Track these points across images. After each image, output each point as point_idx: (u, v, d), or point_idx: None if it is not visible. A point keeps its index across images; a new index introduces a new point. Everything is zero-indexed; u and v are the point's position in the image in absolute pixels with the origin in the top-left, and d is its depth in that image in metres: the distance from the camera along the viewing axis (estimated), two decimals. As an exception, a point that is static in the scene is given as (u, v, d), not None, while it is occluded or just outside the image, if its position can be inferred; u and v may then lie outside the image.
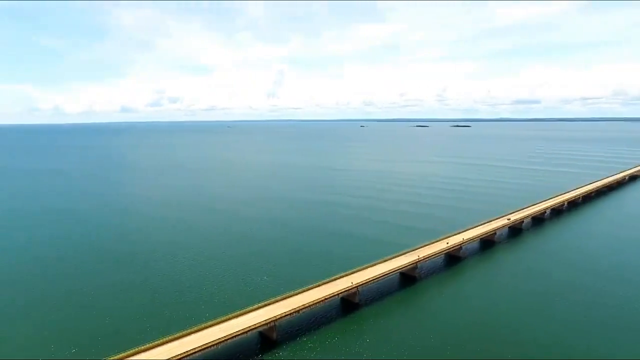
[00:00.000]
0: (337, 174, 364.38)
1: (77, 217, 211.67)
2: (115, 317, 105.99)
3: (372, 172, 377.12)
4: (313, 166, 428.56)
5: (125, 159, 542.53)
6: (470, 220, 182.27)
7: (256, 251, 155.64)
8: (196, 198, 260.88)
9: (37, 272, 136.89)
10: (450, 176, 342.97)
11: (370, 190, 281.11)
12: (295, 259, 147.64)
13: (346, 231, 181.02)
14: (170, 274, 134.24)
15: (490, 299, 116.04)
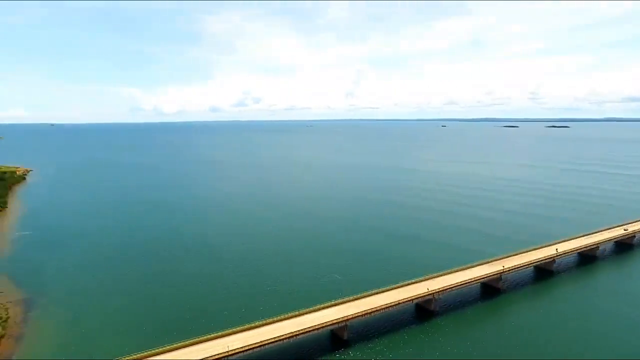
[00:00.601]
0: (416, 176, 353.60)
1: (168, 208, 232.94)
2: (196, 304, 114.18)
3: (454, 174, 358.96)
4: (392, 167, 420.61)
5: (214, 156, 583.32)
6: (566, 231, 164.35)
7: (331, 250, 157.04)
8: (276, 195, 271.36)
9: (133, 255, 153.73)
10: (542, 182, 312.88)
11: (452, 194, 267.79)
12: (370, 260, 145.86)
13: (424, 235, 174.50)
14: (247, 267, 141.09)
15: (585, 322, 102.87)
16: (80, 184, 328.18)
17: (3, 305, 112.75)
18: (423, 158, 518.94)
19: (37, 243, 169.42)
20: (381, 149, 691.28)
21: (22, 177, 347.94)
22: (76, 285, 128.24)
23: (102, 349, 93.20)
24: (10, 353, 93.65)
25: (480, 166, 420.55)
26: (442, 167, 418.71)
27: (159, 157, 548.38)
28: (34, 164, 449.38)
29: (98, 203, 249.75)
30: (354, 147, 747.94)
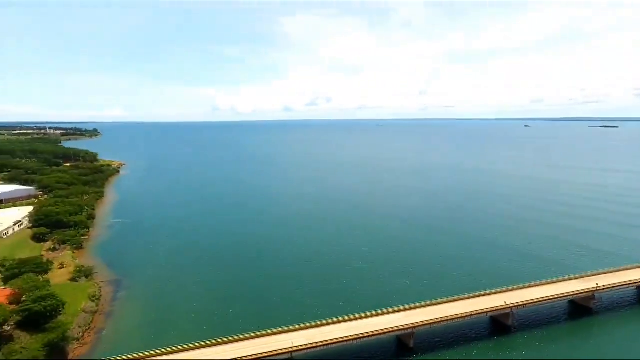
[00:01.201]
0: (497, 179, 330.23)
1: (248, 203, 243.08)
2: (264, 298, 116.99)
3: (540, 179, 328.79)
4: (471, 169, 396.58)
5: (287, 153, 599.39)
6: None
7: (401, 252, 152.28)
8: (352, 194, 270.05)
9: (211, 245, 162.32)
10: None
11: (538, 200, 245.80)
12: (442, 266, 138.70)
13: (503, 243, 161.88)
14: (316, 265, 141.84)
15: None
16: (166, 176, 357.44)
17: (97, 285, 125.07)
18: (504, 159, 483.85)
19: (127, 229, 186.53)
20: (457, 149, 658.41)
21: (116, 170, 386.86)
22: (158, 270, 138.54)
23: (175, 331, 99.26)
24: (101, 328, 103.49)
25: (571, 171, 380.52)
26: (526, 170, 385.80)
27: (237, 154, 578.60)
28: (127, 158, 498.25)
29: (181, 194, 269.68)
30: (427, 146, 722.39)
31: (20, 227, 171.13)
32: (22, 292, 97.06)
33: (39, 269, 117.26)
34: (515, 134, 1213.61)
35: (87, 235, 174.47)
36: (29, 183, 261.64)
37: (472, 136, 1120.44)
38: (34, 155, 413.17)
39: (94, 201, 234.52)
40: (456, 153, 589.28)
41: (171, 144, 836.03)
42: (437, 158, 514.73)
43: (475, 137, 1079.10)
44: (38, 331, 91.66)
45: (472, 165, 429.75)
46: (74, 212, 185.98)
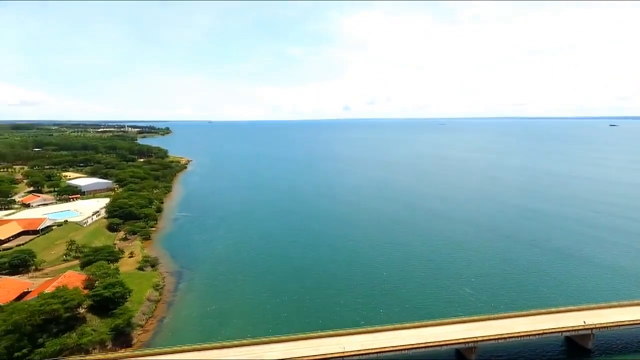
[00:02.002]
0: (579, 184, 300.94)
1: (317, 204, 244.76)
2: (318, 299, 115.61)
3: (632, 184, 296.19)
4: (548, 172, 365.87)
5: (351, 152, 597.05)
6: None
7: (464, 259, 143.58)
8: (418, 196, 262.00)
9: (270, 243, 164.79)
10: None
11: (629, 208, 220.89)
12: (507, 276, 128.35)
13: (584, 255, 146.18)
14: (372, 268, 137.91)
15: None
16: (229, 173, 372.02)
17: (161, 275, 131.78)
18: (587, 162, 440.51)
19: (191, 223, 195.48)
20: (532, 150, 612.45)
21: (184, 166, 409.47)
22: (217, 263, 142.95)
23: (229, 325, 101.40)
24: (162, 316, 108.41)
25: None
26: (614, 174, 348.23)
27: (298, 151, 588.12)
28: (194, 154, 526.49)
29: (243, 191, 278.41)
30: (496, 146, 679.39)
31: (98, 216, 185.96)
32: (95, 278, 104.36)
33: (111, 257, 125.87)
34: (599, 134, 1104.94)
35: (155, 227, 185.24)
36: (107, 176, 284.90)
37: (547, 136, 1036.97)
38: (113, 151, 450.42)
39: (163, 195, 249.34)
40: (530, 153, 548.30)
41: (235, 142, 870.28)
42: (509, 158, 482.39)
43: (550, 136, 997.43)
44: (107, 315, 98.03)
45: (548, 167, 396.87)
46: (144, 204, 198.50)
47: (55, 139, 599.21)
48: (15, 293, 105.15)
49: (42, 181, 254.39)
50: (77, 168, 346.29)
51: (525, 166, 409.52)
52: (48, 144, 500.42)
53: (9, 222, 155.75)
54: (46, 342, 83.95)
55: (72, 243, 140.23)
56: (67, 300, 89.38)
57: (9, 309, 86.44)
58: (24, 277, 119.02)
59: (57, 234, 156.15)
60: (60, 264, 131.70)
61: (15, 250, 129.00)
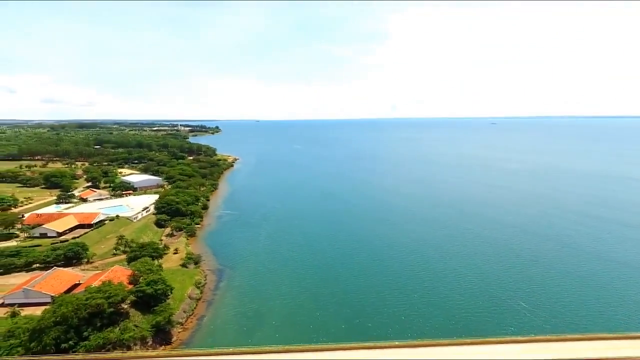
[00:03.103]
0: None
1: (358, 206, 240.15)
2: (358, 308, 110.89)
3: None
4: (625, 176, 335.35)
5: (394, 153, 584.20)
6: None
7: (519, 271, 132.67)
8: (464, 201, 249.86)
9: (314, 245, 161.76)
10: None
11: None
12: (572, 292, 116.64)
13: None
14: (417, 276, 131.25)
15: None
16: (274, 171, 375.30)
17: (203, 272, 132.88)
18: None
19: (234, 221, 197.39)
20: (601, 152, 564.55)
21: (231, 164, 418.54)
22: (258, 263, 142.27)
23: (267, 327, 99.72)
24: (202, 315, 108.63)
25: None
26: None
27: (343, 151, 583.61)
28: (241, 153, 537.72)
29: (287, 190, 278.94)
30: (559, 148, 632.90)
31: (147, 212, 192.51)
32: (140, 274, 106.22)
33: (155, 254, 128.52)
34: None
35: (200, 224, 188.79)
36: (158, 173, 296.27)
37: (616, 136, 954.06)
38: (165, 149, 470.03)
39: (209, 193, 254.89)
40: (599, 156, 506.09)
41: (280, 141, 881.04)
42: (575, 161, 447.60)
43: (621, 137, 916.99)
44: (149, 312, 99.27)
45: (620, 169, 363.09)
46: (191, 202, 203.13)
47: (115, 137, 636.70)
48: (67, 284, 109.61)
49: (99, 177, 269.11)
50: (131, 165, 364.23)
51: (595, 170, 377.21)
52: (107, 142, 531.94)
53: (67, 215, 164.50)
54: (91, 335, 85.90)
55: (121, 238, 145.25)
56: (111, 295, 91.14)
57: (59, 300, 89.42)
58: (77, 269, 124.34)
59: (108, 228, 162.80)
60: (109, 257, 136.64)
61: (70, 243, 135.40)
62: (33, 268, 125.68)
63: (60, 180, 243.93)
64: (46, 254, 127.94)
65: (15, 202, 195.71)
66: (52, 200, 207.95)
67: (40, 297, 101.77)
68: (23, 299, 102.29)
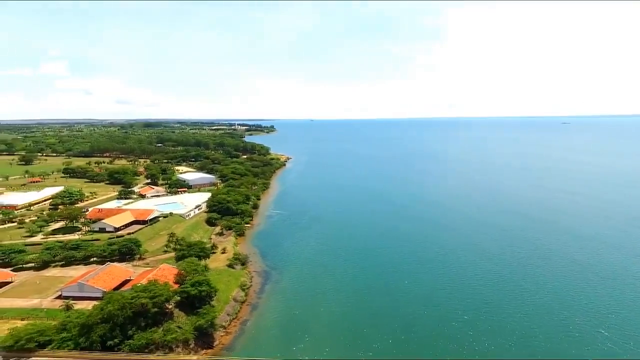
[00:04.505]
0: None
1: (420, 212, 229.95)
2: (410, 322, 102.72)
3: None
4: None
5: (453, 154, 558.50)
6: None
7: (600, 293, 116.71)
8: (535, 208, 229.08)
9: (366, 251, 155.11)
10: None
11: None
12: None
13: None
14: (478, 290, 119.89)
15: None
16: (326, 171, 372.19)
17: (249, 274, 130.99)
18: None
19: (284, 221, 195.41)
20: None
21: (283, 163, 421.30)
22: (305, 267, 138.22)
23: (310, 335, 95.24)
24: (246, 319, 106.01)
25: None
26: None
27: (399, 151, 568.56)
28: (294, 152, 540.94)
29: (339, 191, 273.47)
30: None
31: (199, 210, 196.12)
32: (185, 274, 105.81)
33: (202, 254, 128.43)
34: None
35: (250, 224, 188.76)
36: (212, 172, 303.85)
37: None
38: (221, 148, 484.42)
39: (260, 192, 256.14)
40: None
41: (334, 140, 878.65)
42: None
43: None
44: (193, 312, 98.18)
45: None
46: (241, 201, 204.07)
47: (176, 135, 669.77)
48: (118, 280, 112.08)
49: (157, 174, 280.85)
50: (188, 163, 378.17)
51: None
52: (168, 140, 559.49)
53: (125, 211, 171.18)
54: (135, 334, 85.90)
55: (172, 235, 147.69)
56: (155, 295, 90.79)
57: (107, 297, 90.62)
58: (129, 265, 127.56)
59: (162, 225, 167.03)
60: (160, 254, 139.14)
61: (124, 239, 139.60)
62: (91, 261, 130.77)
63: (122, 177, 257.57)
64: (103, 249, 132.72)
65: (81, 196, 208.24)
66: (114, 196, 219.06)
67: (93, 291, 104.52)
68: (78, 292, 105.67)
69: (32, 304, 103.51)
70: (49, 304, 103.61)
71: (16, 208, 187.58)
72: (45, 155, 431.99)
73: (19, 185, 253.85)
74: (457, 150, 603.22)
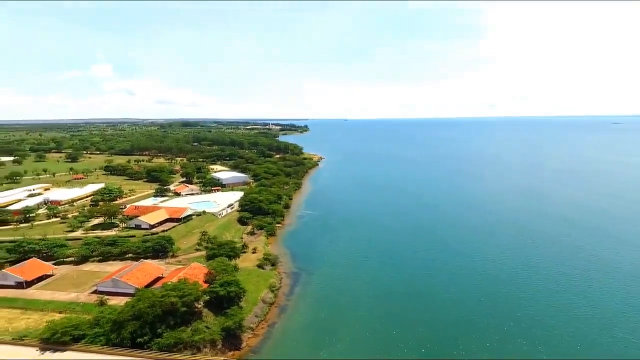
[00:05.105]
0: None
1: (453, 215, 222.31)
2: (442, 330, 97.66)
3: None
4: None
5: (496, 155, 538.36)
6: None
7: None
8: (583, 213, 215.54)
9: (396, 256, 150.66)
10: None
11: None
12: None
13: None
14: (518, 302, 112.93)
15: None
16: (359, 172, 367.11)
17: (279, 275, 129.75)
18: None
19: (315, 222, 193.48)
20: None
21: (316, 163, 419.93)
22: (335, 269, 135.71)
23: (338, 340, 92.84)
24: (274, 321, 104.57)
25: None
26: None
27: (433, 151, 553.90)
28: (326, 152, 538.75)
29: (372, 193, 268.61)
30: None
31: (231, 209, 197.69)
32: (215, 274, 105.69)
33: (232, 254, 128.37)
34: None
35: (281, 224, 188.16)
36: (245, 171, 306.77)
37: None
38: (255, 147, 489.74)
39: (292, 191, 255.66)
40: None
41: (367, 140, 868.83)
42: None
43: None
44: (221, 313, 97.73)
45: None
46: (273, 200, 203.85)
47: (212, 135, 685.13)
48: (150, 277, 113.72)
49: (192, 173, 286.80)
50: (223, 162, 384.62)
51: None
52: (204, 139, 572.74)
53: (159, 209, 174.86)
54: (164, 333, 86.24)
55: (204, 234, 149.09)
56: (184, 294, 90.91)
57: (138, 295, 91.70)
58: (161, 263, 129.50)
59: (195, 223, 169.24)
60: (192, 252, 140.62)
61: (158, 237, 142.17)
62: (126, 257, 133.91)
63: (159, 175, 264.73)
64: (137, 245, 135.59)
65: (120, 193, 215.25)
66: (151, 193, 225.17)
67: (126, 287, 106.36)
68: (112, 287, 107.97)
69: (69, 298, 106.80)
70: (85, 298, 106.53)
71: (60, 203, 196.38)
72: (89, 153, 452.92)
73: (64, 181, 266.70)
74: (504, 152, 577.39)
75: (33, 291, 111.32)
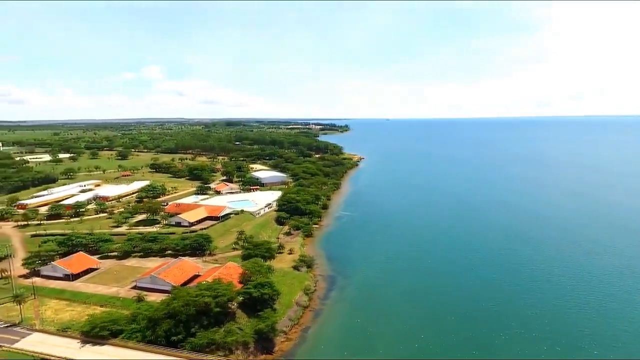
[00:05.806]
0: None
1: (499, 218, 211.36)
2: (480, 340, 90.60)
3: None
4: None
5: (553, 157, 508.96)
6: None
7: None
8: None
9: (437, 258, 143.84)
10: None
11: None
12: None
13: None
14: (567, 312, 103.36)
15: None
16: (400, 173, 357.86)
17: (314, 277, 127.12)
18: None
19: (353, 224, 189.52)
20: None
21: (355, 163, 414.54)
22: (373, 273, 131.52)
23: (373, 349, 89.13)
24: (307, 326, 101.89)
25: None
26: None
27: (479, 152, 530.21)
28: (367, 152, 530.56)
29: (413, 195, 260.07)
30: None
31: (269, 208, 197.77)
32: (250, 274, 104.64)
33: (267, 254, 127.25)
34: None
35: (318, 224, 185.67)
36: (285, 170, 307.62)
37: None
38: (295, 147, 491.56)
39: (331, 192, 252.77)
40: None
41: (409, 140, 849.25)
42: None
43: None
44: (254, 315, 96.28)
45: None
46: (311, 201, 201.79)
47: (253, 134, 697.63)
48: (187, 275, 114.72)
49: (233, 171, 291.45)
50: (263, 161, 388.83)
51: None
52: (245, 139, 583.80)
53: (199, 207, 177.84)
54: (197, 332, 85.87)
55: (241, 233, 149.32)
56: (218, 295, 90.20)
57: (173, 293, 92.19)
58: (198, 261, 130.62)
59: (233, 222, 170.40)
60: (229, 251, 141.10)
61: (196, 234, 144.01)
62: (166, 254, 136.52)
63: (200, 173, 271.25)
64: (176, 243, 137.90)
65: (163, 191, 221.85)
66: (193, 191, 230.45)
67: (163, 284, 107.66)
68: (150, 284, 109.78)
69: (111, 292, 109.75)
70: (125, 293, 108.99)
71: (108, 199, 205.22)
72: (137, 151, 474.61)
73: (112, 178, 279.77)
74: (551, 153, 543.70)
75: (79, 284, 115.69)
